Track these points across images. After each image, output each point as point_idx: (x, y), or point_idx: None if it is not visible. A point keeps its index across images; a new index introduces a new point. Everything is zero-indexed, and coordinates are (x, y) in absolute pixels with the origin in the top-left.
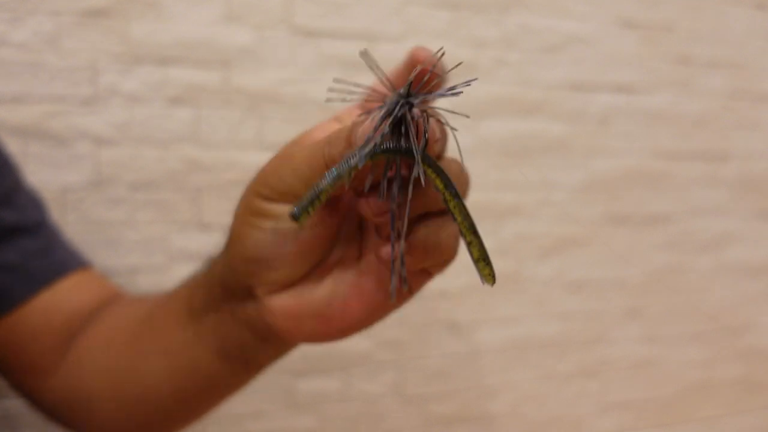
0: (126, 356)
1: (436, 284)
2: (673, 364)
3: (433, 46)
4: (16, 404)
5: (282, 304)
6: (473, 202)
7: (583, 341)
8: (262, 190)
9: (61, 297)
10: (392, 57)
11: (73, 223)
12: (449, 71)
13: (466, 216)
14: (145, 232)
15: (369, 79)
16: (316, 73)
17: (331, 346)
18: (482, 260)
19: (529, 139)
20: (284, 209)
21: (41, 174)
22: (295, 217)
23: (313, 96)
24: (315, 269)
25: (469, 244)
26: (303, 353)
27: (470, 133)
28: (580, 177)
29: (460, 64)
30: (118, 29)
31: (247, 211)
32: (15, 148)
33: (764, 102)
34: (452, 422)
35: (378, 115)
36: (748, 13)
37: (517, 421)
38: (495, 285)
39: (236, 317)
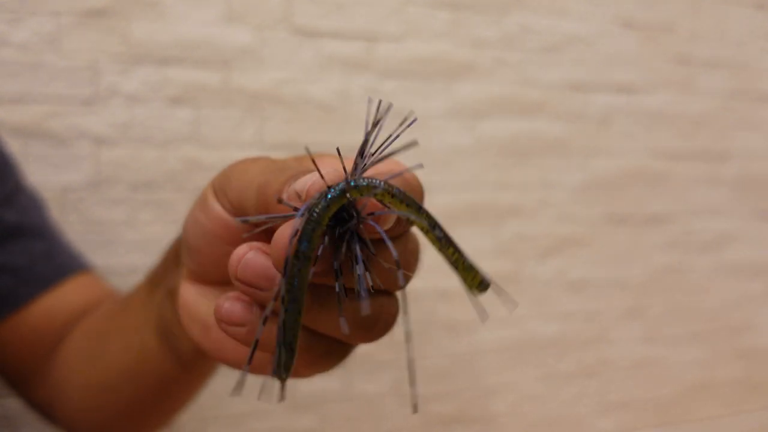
0: (96, 342)
1: (436, 284)
2: (672, 364)
3: (432, 46)
4: (16, 404)
5: (186, 293)
6: (474, 202)
7: (583, 341)
8: (216, 185)
9: (63, 299)
10: (392, 57)
11: (73, 223)
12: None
13: (435, 226)
14: (145, 232)
15: (368, 81)
16: (316, 74)
17: None
18: (463, 268)
19: (529, 139)
20: (220, 212)
21: (41, 174)
22: (280, 377)
23: (312, 96)
24: (224, 285)
25: (442, 251)
26: None
27: (470, 134)
28: (579, 177)
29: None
30: (119, 29)
31: (199, 197)
32: (15, 148)
33: (764, 102)
34: (452, 422)
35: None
36: (748, 13)
37: (516, 421)
38: (490, 289)
39: (168, 286)
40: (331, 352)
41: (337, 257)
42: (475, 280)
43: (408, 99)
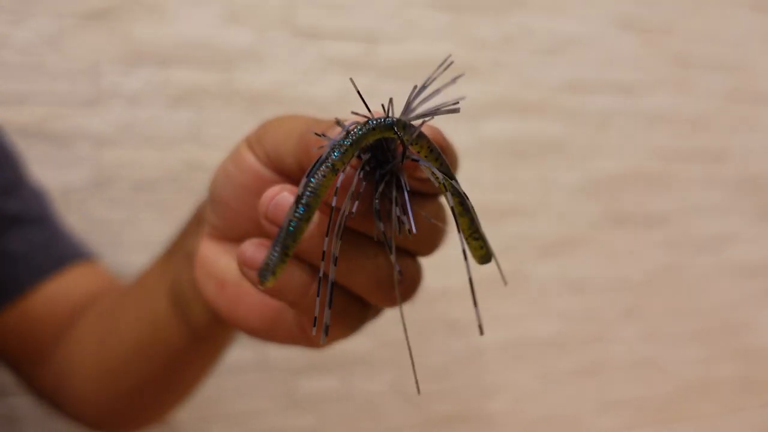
0: (109, 319)
1: (436, 283)
2: (671, 363)
3: (433, 48)
4: (19, 402)
5: (205, 249)
6: (474, 202)
7: (582, 340)
8: (251, 139)
9: (65, 288)
10: (393, 58)
11: (75, 223)
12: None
13: (454, 184)
14: (147, 232)
15: (369, 82)
16: (317, 75)
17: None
18: (471, 237)
19: (529, 140)
20: (253, 163)
21: (44, 174)
22: (262, 277)
23: (314, 97)
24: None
25: (458, 217)
26: (303, 352)
27: (470, 134)
28: (579, 177)
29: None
30: (120, 31)
31: (231, 152)
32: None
33: (762, 103)
34: (452, 421)
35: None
36: (746, 15)
37: (516, 420)
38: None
39: (186, 249)
40: (348, 310)
41: (375, 196)
42: (480, 251)
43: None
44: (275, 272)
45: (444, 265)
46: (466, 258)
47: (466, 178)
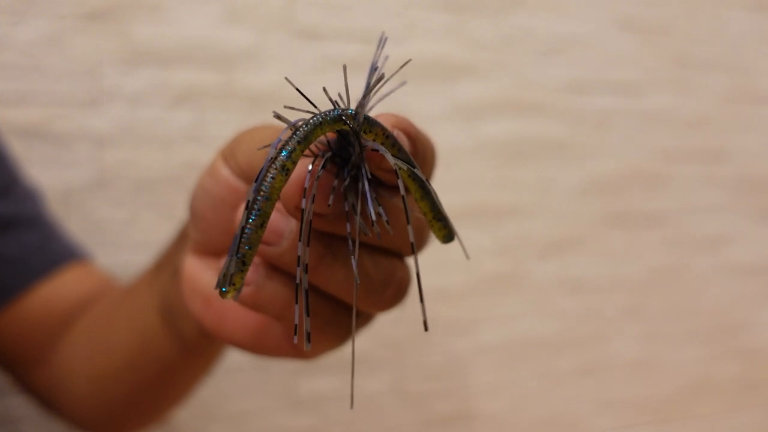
0: (103, 327)
1: (435, 283)
2: (670, 363)
3: (433, 48)
4: (17, 402)
5: (189, 265)
6: (473, 202)
7: (581, 340)
8: (225, 151)
9: (59, 289)
10: (393, 59)
11: (75, 223)
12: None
13: (421, 179)
14: (148, 232)
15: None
16: (318, 75)
17: None
18: (434, 219)
19: (529, 140)
20: (228, 176)
21: (45, 175)
22: (221, 288)
23: (314, 98)
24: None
25: (419, 201)
26: None
27: (469, 135)
28: (578, 177)
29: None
30: (120, 31)
31: (207, 166)
32: (19, 149)
33: (761, 103)
34: (451, 420)
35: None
36: (745, 15)
37: (515, 419)
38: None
39: (174, 265)
40: (336, 319)
41: (347, 196)
42: (443, 231)
43: (409, 100)
44: (234, 283)
45: (444, 264)
46: (414, 251)
47: (466, 178)
